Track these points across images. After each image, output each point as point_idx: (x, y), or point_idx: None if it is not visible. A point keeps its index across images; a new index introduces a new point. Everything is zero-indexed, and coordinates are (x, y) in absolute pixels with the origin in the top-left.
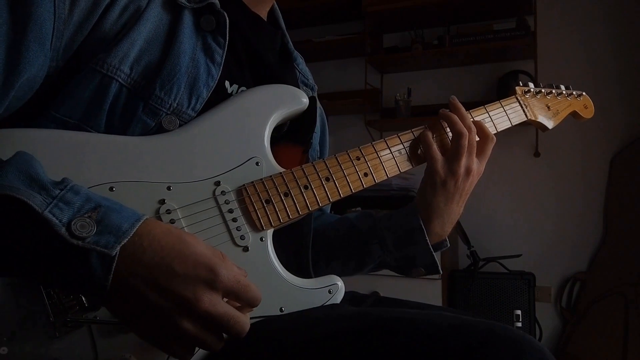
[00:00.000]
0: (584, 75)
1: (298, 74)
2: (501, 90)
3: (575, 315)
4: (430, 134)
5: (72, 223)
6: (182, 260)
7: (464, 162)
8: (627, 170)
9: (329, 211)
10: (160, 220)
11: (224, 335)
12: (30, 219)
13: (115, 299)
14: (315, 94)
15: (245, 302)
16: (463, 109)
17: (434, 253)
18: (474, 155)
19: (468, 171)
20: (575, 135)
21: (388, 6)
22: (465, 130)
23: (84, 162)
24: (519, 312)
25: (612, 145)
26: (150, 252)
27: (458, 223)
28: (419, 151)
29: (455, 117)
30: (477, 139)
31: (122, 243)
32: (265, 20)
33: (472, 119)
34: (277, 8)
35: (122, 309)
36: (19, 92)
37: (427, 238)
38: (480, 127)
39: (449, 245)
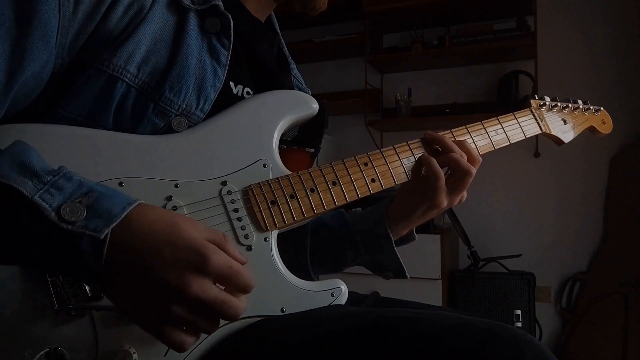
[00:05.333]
0: (584, 75)
1: (293, 78)
2: (501, 91)
3: (575, 315)
4: (435, 162)
5: (62, 208)
6: (172, 245)
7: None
8: (627, 170)
9: None
10: None
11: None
12: (22, 205)
13: (113, 286)
14: None
15: (236, 288)
16: (468, 145)
17: (400, 260)
18: None
19: (460, 199)
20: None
21: (388, 6)
22: (473, 169)
23: (95, 157)
24: (519, 312)
25: (612, 145)
26: (140, 237)
27: (458, 223)
28: (423, 170)
29: (458, 157)
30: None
31: (111, 226)
32: (264, 24)
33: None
34: (273, 13)
35: (119, 295)
36: (24, 88)
37: (395, 247)
38: (469, 153)
39: (416, 238)
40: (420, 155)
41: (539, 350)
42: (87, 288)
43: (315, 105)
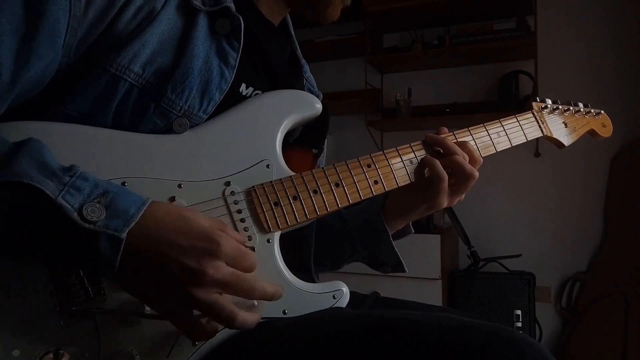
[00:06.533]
0: (584, 75)
1: (305, 81)
2: (501, 91)
3: (575, 315)
4: (439, 165)
5: (84, 208)
6: (185, 234)
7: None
8: (627, 170)
9: None
10: None
11: (237, 297)
12: (45, 204)
13: (126, 277)
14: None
15: (243, 268)
16: (470, 146)
17: (398, 253)
18: None
19: (459, 200)
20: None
21: (388, 6)
22: (476, 173)
23: (98, 156)
24: (519, 312)
25: (612, 145)
26: (155, 230)
27: (458, 223)
28: (426, 172)
29: (462, 160)
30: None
31: (131, 226)
32: (277, 27)
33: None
34: (289, 16)
35: (135, 286)
36: (27, 85)
37: (392, 241)
38: (471, 155)
39: (412, 231)
40: (422, 156)
41: (540, 353)
42: (90, 290)
43: (318, 106)
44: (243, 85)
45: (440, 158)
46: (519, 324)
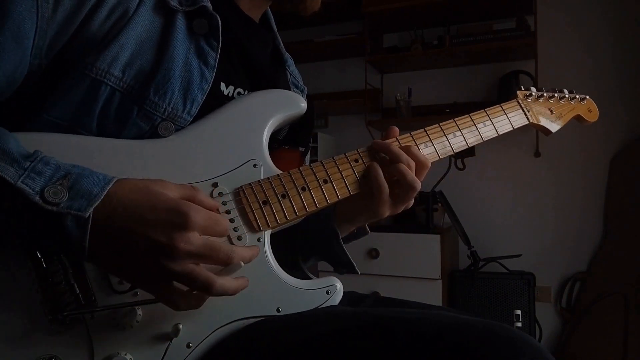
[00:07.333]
0: (584, 75)
1: (289, 75)
2: (502, 91)
3: (575, 315)
4: (380, 174)
5: (45, 190)
6: (153, 209)
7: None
8: (627, 170)
9: None
10: None
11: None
12: (5, 190)
13: (100, 257)
14: (305, 96)
15: (217, 234)
16: (415, 151)
17: (348, 254)
18: None
19: (405, 207)
20: (576, 135)
21: (388, 6)
22: (418, 184)
23: (85, 164)
24: (519, 312)
25: (612, 145)
26: (121, 208)
27: (458, 223)
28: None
29: (404, 169)
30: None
31: (95, 205)
32: (258, 22)
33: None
34: (270, 11)
35: (110, 264)
36: None
37: (342, 242)
38: (416, 159)
39: (368, 232)
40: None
41: (537, 351)
42: (80, 297)
43: (303, 104)
44: (223, 85)
45: (386, 166)
46: (519, 324)
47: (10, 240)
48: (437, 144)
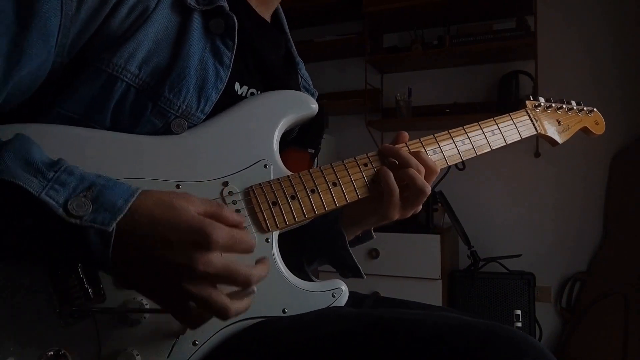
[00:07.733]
0: (584, 75)
1: (300, 78)
2: (502, 91)
3: (575, 315)
4: (392, 178)
5: (69, 203)
6: (175, 228)
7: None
8: (627, 170)
9: None
10: None
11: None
12: (29, 202)
13: (121, 270)
14: (315, 99)
15: (242, 251)
16: (424, 156)
17: (354, 258)
18: None
19: (414, 211)
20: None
21: (388, 6)
22: (428, 188)
23: (95, 158)
24: (519, 312)
25: (612, 145)
26: (144, 223)
27: (458, 223)
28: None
29: (414, 173)
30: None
31: (118, 219)
32: (270, 23)
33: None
34: (282, 12)
35: (130, 278)
36: (20, 85)
37: (348, 246)
38: (425, 165)
39: (373, 237)
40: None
41: (539, 351)
42: (90, 291)
43: (314, 106)
44: (237, 84)
45: (396, 170)
46: (519, 324)
47: (30, 251)
48: (445, 151)
